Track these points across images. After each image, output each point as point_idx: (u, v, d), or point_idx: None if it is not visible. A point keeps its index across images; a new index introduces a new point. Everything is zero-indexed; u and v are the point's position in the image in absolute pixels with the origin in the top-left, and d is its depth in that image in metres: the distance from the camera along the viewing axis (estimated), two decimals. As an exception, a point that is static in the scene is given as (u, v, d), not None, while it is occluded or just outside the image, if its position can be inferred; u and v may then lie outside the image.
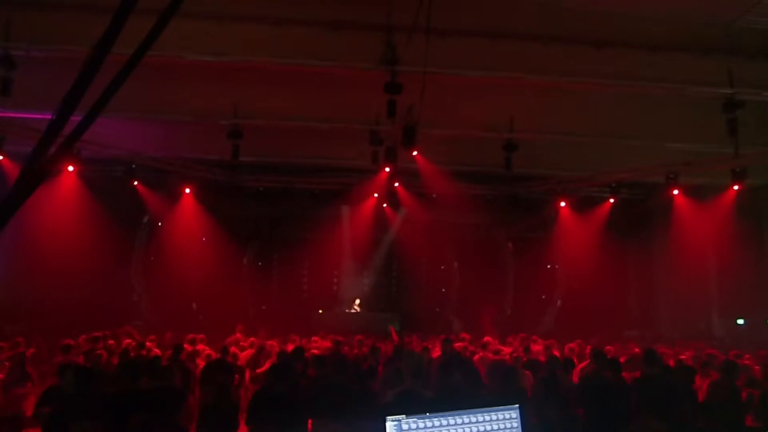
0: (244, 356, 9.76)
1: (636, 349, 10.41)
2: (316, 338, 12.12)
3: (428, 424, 3.12)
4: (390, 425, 3.07)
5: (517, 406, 3.31)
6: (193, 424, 6.41)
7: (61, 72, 3.20)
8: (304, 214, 16.54)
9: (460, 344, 10.65)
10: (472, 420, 3.20)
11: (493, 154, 12.66)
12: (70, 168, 12.22)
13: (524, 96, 11.44)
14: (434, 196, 15.66)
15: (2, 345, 8.81)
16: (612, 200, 15.54)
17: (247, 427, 5.95)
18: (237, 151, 12.15)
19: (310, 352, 9.37)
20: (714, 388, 6.75)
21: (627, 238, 17.61)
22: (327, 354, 9.32)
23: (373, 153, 12.31)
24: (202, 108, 11.52)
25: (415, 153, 12.47)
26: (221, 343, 9.90)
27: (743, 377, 7.40)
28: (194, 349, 9.53)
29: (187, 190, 15.02)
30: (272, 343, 10.50)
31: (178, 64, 9.53)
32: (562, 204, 15.95)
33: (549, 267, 19.33)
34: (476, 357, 9.68)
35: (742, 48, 9.99)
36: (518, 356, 9.35)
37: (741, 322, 15.88)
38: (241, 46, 9.36)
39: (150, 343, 10.12)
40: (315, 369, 7.55)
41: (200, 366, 8.77)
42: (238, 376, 8.79)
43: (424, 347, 10.35)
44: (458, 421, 3.17)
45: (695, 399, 6.83)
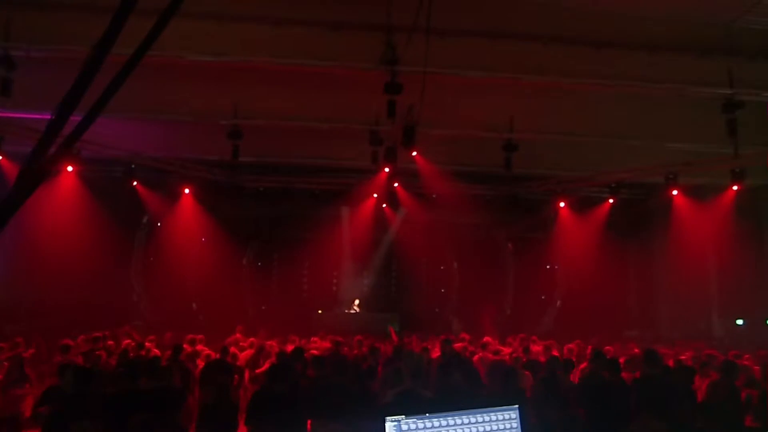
0: (243, 356, 9.76)
1: (636, 350, 10.41)
2: (315, 339, 12.12)
3: (428, 425, 3.12)
4: (389, 425, 3.07)
5: (516, 406, 3.31)
6: (193, 425, 6.42)
7: (61, 72, 3.20)
8: (304, 214, 16.53)
9: (460, 344, 10.65)
10: (472, 420, 3.20)
11: (493, 154, 12.65)
12: (69, 168, 12.23)
13: (524, 96, 11.42)
14: (434, 196, 15.64)
15: (2, 345, 8.81)
16: (612, 200, 15.54)
17: (247, 428, 5.94)
18: (237, 151, 12.13)
19: (310, 353, 9.37)
20: (713, 388, 6.74)
21: (627, 239, 17.60)
22: (326, 354, 9.32)
23: (373, 153, 12.30)
24: (201, 108, 11.51)
25: (414, 153, 12.47)
26: (221, 343, 9.90)
27: (742, 377, 7.39)
28: (194, 349, 9.53)
29: (187, 191, 15.02)
30: (272, 343, 10.50)
31: (178, 64, 9.53)
32: (562, 204, 15.95)
33: (549, 267, 19.32)
34: (476, 357, 9.68)
35: (742, 48, 10.00)
36: (518, 357, 9.36)
37: (740, 322, 15.89)
38: (241, 46, 9.35)
39: (149, 344, 10.13)
40: (314, 369, 7.55)
41: (200, 366, 8.77)
42: (237, 376, 8.80)
43: (423, 347, 10.35)
44: (458, 422, 3.17)
45: (695, 399, 6.83)
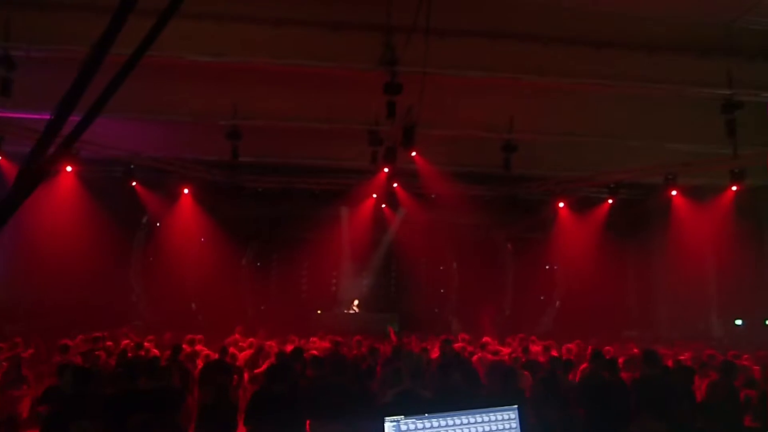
0: (242, 357, 9.76)
1: (635, 350, 10.41)
2: (314, 339, 12.10)
3: (427, 425, 3.12)
4: (389, 426, 3.07)
5: (515, 406, 3.31)
6: (192, 425, 6.42)
7: (61, 72, 3.19)
8: (304, 214, 16.52)
9: (459, 345, 10.64)
10: (471, 421, 3.20)
11: (493, 155, 12.65)
12: (68, 168, 12.20)
13: (524, 96, 11.42)
14: (433, 196, 15.63)
15: (1, 346, 8.81)
16: (611, 201, 15.53)
17: (246, 428, 5.94)
18: (236, 152, 12.11)
19: (309, 353, 9.35)
20: (713, 388, 6.74)
21: (626, 239, 17.60)
22: (326, 354, 9.31)
23: (373, 153, 12.28)
24: (201, 108, 11.49)
25: (414, 153, 12.46)
26: (220, 343, 9.88)
27: (742, 378, 7.40)
28: (193, 349, 9.53)
29: (186, 191, 15.00)
30: (271, 343, 10.50)
31: (177, 65, 9.52)
32: (561, 204, 15.95)
33: (548, 267, 19.33)
34: (475, 357, 9.67)
35: (741, 48, 10.01)
36: (517, 357, 9.36)
37: (739, 322, 15.90)
38: (241, 46, 9.35)
39: (149, 344, 10.12)
40: (314, 369, 7.55)
41: (199, 366, 8.76)
42: (236, 376, 8.79)
43: (423, 348, 10.35)
44: (457, 422, 3.17)
45: (694, 399, 6.85)
